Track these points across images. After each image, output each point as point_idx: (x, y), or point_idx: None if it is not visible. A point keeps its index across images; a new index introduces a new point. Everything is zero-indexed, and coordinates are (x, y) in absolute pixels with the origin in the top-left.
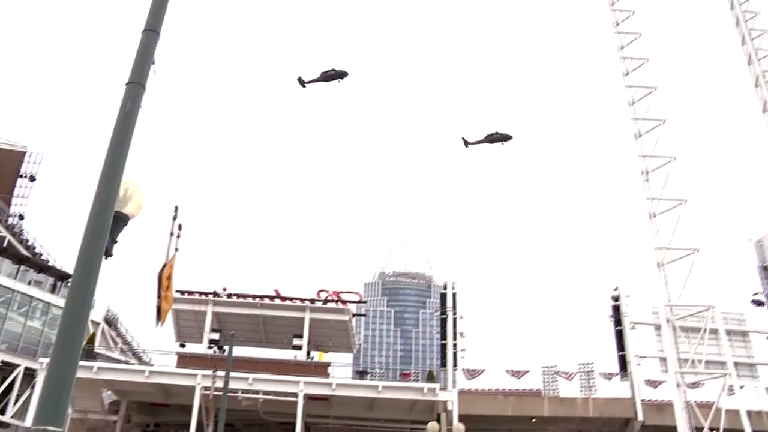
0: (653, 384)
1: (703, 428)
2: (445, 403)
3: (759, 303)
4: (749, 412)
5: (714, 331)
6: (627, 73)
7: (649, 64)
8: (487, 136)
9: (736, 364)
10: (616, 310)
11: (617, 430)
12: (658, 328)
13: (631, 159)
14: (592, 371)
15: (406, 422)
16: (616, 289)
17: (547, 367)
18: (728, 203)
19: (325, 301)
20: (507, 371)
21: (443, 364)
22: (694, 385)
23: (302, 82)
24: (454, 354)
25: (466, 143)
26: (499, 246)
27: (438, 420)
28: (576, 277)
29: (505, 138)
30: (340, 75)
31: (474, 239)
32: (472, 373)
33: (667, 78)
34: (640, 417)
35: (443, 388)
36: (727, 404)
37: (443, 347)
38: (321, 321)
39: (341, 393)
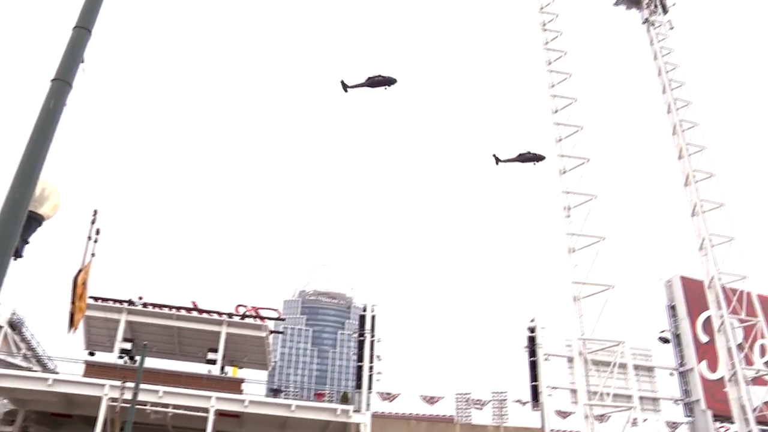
0: (563, 415)
1: None
2: (358, 425)
3: (665, 340)
4: None
5: (623, 366)
6: (556, 111)
7: (577, 104)
8: (520, 154)
9: (641, 398)
10: (532, 341)
11: None
12: (570, 360)
13: (554, 194)
14: (505, 400)
15: None
16: (532, 321)
17: (460, 394)
18: (644, 243)
19: (243, 316)
20: (421, 397)
21: (358, 386)
22: (602, 417)
23: (345, 87)
24: (370, 376)
25: (498, 160)
26: (421, 273)
27: None
28: (495, 307)
29: (538, 158)
30: (388, 82)
31: (396, 265)
32: (386, 397)
33: (593, 118)
34: None
35: (357, 410)
36: None
37: (359, 369)
38: (237, 336)
39: (253, 410)
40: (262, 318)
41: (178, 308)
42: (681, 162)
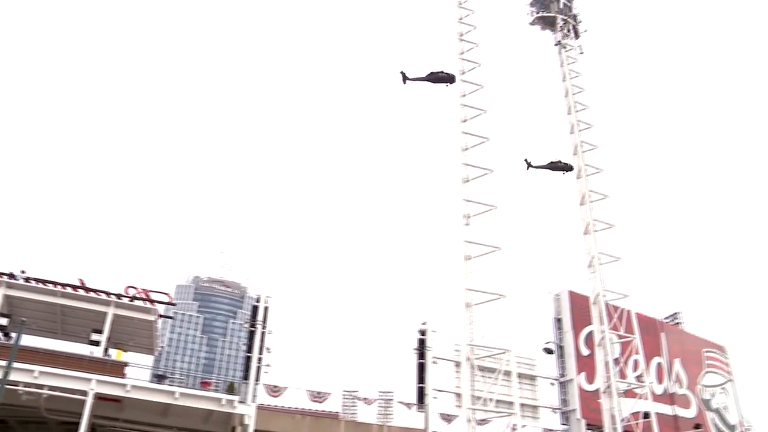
0: (447, 418)
1: None
2: (242, 416)
3: (549, 351)
4: None
5: (507, 373)
6: (464, 120)
7: (486, 115)
8: (551, 162)
9: (522, 405)
10: (421, 343)
11: None
12: (457, 365)
13: (455, 202)
14: (391, 399)
15: None
16: (424, 324)
17: (347, 391)
18: (538, 256)
19: (133, 298)
20: (308, 392)
21: (246, 377)
22: (483, 421)
23: (405, 78)
24: (258, 368)
25: (529, 165)
26: (319, 270)
27: None
28: (388, 308)
29: (568, 168)
30: (449, 79)
31: (294, 259)
32: (273, 390)
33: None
34: None
35: (242, 402)
36: None
37: (248, 360)
38: (125, 318)
39: (135, 395)
40: (153, 301)
41: (64, 285)
42: (578, 182)
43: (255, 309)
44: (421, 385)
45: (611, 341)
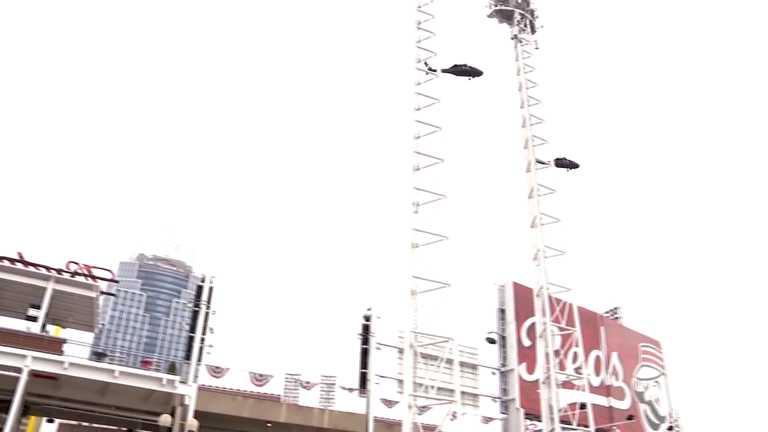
0: (388, 403)
1: None
2: (182, 396)
3: (491, 341)
4: None
5: (449, 361)
6: (418, 109)
7: (440, 105)
8: (557, 159)
9: (462, 393)
10: (366, 329)
11: None
12: (401, 351)
13: (405, 190)
14: (334, 384)
15: (138, 412)
16: (369, 309)
17: (290, 374)
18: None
19: (74, 274)
20: (250, 374)
21: (188, 357)
22: (424, 408)
23: (429, 69)
24: (201, 348)
25: (538, 162)
26: (267, 253)
27: (172, 413)
28: (334, 293)
29: (574, 165)
30: (474, 73)
31: (243, 240)
32: (215, 371)
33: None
34: None
35: (183, 382)
36: (448, 428)
37: (190, 340)
38: (65, 294)
39: (73, 373)
40: (94, 278)
41: (1, 258)
42: (528, 175)
43: (200, 289)
44: (363, 370)
45: (552, 333)
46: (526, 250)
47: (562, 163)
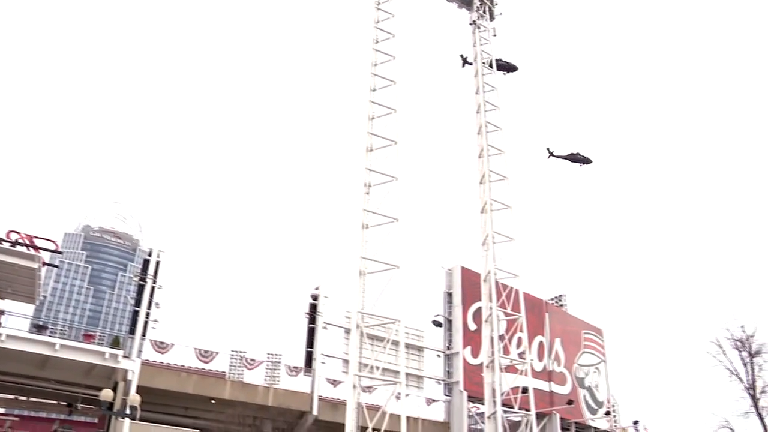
0: (333, 383)
1: (367, 428)
2: (125, 371)
3: (438, 324)
4: (408, 418)
5: (395, 343)
6: (374, 89)
7: (396, 86)
8: (571, 153)
9: (407, 374)
10: (313, 308)
11: (291, 422)
12: (347, 331)
13: (358, 170)
14: (279, 362)
15: (79, 386)
16: (316, 289)
17: (235, 351)
18: (435, 231)
19: (15, 243)
20: (196, 350)
21: (132, 331)
22: (369, 388)
23: (465, 62)
24: (146, 323)
25: (550, 154)
26: (216, 229)
27: (114, 389)
28: (282, 272)
29: (587, 161)
30: (509, 68)
31: (191, 216)
32: (160, 346)
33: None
34: (315, 412)
35: (127, 357)
36: (392, 409)
37: (135, 314)
38: (4, 264)
39: (11, 346)
40: (36, 248)
41: None
42: (480, 161)
43: (146, 263)
44: (309, 349)
45: (498, 318)
46: (476, 235)
47: (576, 158)
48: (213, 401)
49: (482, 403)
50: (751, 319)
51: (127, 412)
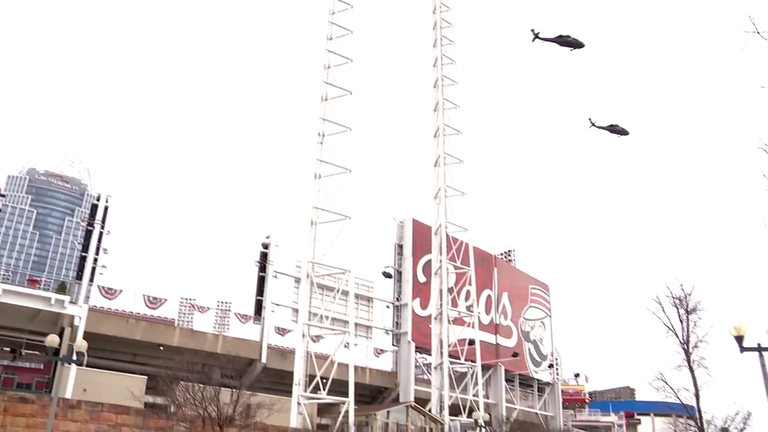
0: (282, 331)
1: (316, 376)
2: (72, 317)
3: (388, 275)
4: (356, 367)
5: (345, 293)
6: (330, 38)
7: (352, 36)
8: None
9: (356, 324)
10: (264, 257)
11: (240, 369)
12: (297, 281)
13: (312, 120)
14: (229, 310)
15: (23, 332)
16: (268, 237)
17: (185, 298)
18: (388, 183)
19: None
20: (144, 297)
21: (79, 277)
22: (318, 337)
23: (535, 36)
24: (93, 269)
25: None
26: (166, 175)
27: (60, 334)
28: (233, 219)
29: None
30: (576, 44)
31: (141, 162)
32: (108, 292)
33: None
34: (264, 360)
35: (73, 302)
36: (340, 358)
37: (82, 260)
38: None
39: None
40: None
41: None
42: (435, 115)
43: (94, 208)
44: (259, 297)
45: (448, 271)
46: (428, 188)
47: (615, 129)
48: (161, 348)
49: (429, 354)
50: (690, 278)
51: (74, 358)
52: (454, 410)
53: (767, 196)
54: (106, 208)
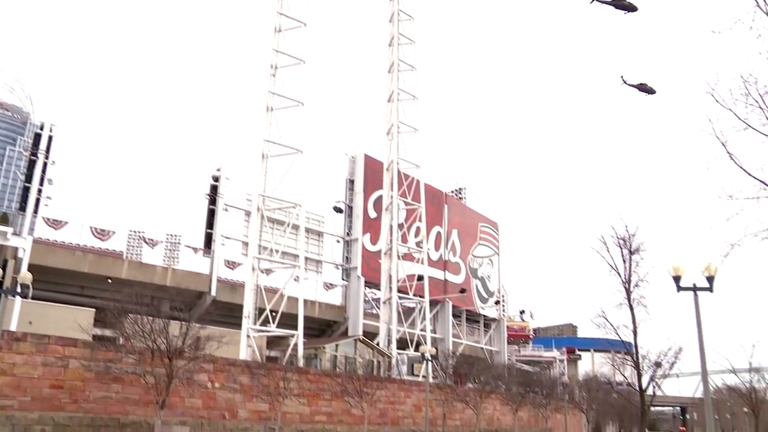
0: (232, 265)
1: (265, 309)
2: (15, 249)
3: (338, 210)
4: (306, 301)
5: (295, 227)
6: None
7: None
8: (640, 84)
9: (307, 258)
10: (214, 189)
11: (190, 302)
12: (248, 214)
13: (265, 52)
14: (179, 243)
15: None
16: (218, 170)
17: (134, 231)
18: (340, 118)
19: None
20: (92, 228)
21: (22, 208)
22: (267, 271)
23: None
24: (37, 200)
25: (624, 81)
26: (115, 103)
27: (4, 267)
28: (184, 150)
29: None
30: (630, 8)
31: (88, 89)
32: (54, 224)
33: None
34: (213, 292)
35: (17, 234)
36: (290, 291)
37: (25, 191)
38: None
39: None
40: None
41: None
42: (390, 50)
43: (37, 137)
44: (209, 231)
45: (398, 207)
46: (381, 124)
47: (644, 88)
48: (110, 281)
49: (379, 289)
50: (635, 220)
51: (18, 290)
52: (402, 344)
53: (712, 141)
54: (50, 138)
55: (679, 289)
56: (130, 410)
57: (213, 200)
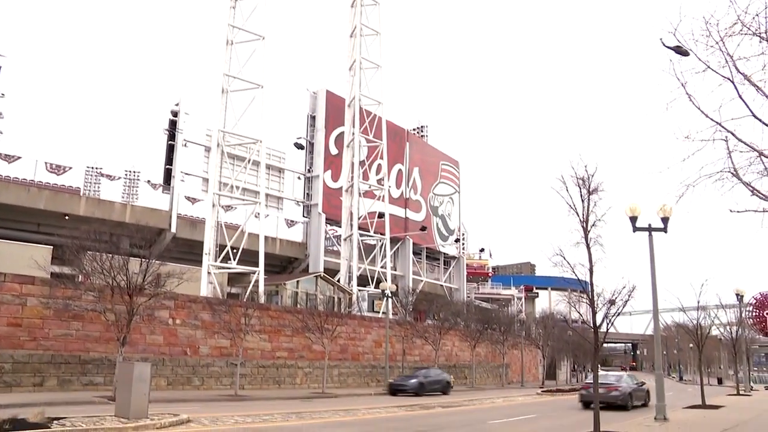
0: (192, 201)
1: (226, 246)
2: None
3: (300, 146)
4: (267, 237)
5: (256, 163)
6: None
7: None
8: (677, 46)
9: (267, 195)
10: (173, 124)
11: (149, 239)
12: (208, 150)
13: None
14: (138, 179)
15: None
16: (177, 105)
17: (91, 167)
18: (302, 52)
19: None
20: (46, 164)
21: None
22: (228, 207)
23: None
24: None
25: (663, 45)
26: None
27: None
28: (141, 84)
29: (686, 53)
30: None
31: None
32: (6, 159)
33: None
34: (173, 229)
35: None
36: (251, 228)
37: None
38: None
39: None
40: None
41: None
42: None
43: None
44: (169, 166)
45: (360, 144)
46: (343, 60)
47: (680, 51)
48: (67, 217)
49: (340, 226)
50: (594, 160)
51: None
52: (363, 281)
53: (672, 81)
54: None
55: (635, 229)
56: (91, 347)
57: (172, 136)
